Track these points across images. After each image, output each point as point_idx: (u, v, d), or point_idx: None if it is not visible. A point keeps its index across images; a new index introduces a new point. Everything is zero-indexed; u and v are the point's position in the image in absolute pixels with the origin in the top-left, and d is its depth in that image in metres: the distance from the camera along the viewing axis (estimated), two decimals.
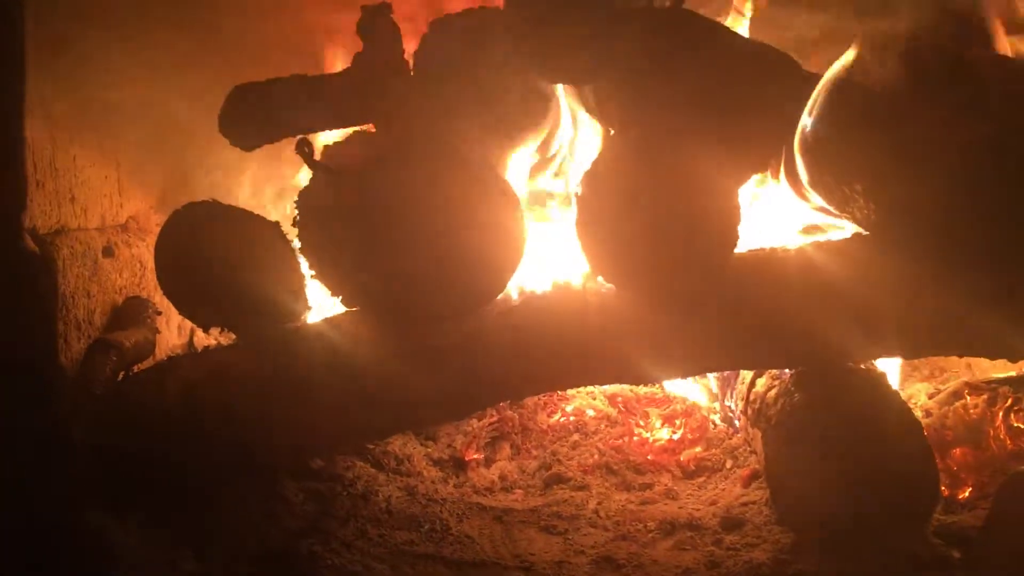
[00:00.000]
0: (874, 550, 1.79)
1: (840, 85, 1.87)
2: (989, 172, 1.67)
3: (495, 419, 2.54)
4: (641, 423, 2.58)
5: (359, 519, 2.02)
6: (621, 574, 1.84)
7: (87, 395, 1.98)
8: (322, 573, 1.77)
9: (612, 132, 1.95)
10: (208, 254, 1.79)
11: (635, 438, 2.50)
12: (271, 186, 2.89)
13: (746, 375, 2.34)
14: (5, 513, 1.65)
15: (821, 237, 2.02)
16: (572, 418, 2.59)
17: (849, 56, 1.85)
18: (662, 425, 2.56)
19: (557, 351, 1.95)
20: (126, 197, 2.64)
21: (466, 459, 2.39)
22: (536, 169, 2.21)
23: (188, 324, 3.02)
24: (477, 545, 1.96)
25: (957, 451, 2.16)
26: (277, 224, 1.88)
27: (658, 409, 2.65)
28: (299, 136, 1.71)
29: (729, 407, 2.48)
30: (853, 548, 1.80)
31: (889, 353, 2.09)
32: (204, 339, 2.76)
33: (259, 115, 1.74)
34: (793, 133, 1.82)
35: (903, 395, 2.17)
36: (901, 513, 1.84)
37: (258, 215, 1.87)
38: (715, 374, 2.60)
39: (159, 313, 2.58)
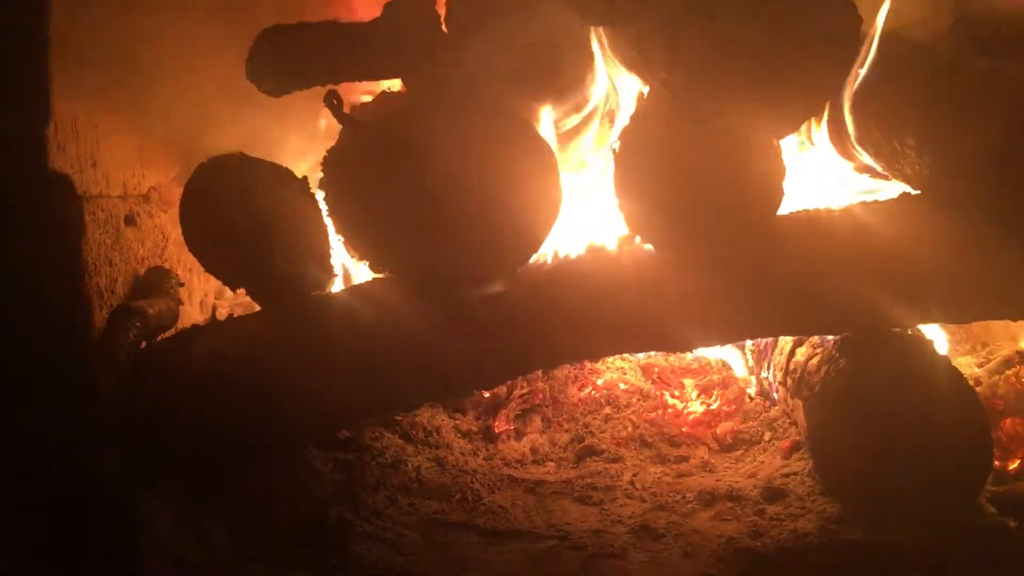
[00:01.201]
0: (925, 520, 1.72)
1: (892, 37, 1.81)
2: None
3: (525, 391, 2.48)
4: (675, 395, 2.51)
5: (389, 488, 1.96)
6: (662, 543, 1.78)
7: (110, 360, 1.93)
8: (353, 540, 1.72)
9: (649, 89, 1.88)
10: (233, 208, 1.73)
11: (669, 411, 2.43)
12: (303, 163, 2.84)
13: (784, 345, 2.27)
14: (32, 480, 1.61)
15: (868, 198, 1.94)
16: (604, 391, 2.53)
17: (901, 6, 1.78)
18: (697, 397, 2.50)
19: (592, 318, 1.89)
20: (148, 167, 2.59)
21: (496, 431, 2.33)
22: (573, 127, 2.14)
23: (211, 299, 2.98)
24: (510, 515, 1.90)
25: (1007, 421, 2.08)
26: (305, 180, 1.82)
27: (693, 381, 2.58)
28: (328, 88, 1.65)
29: (766, 379, 2.41)
30: (903, 518, 1.73)
31: (937, 318, 2.02)
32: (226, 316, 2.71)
33: (287, 60, 1.68)
34: (841, 82, 1.75)
35: None
36: (953, 482, 1.77)
37: (287, 169, 1.81)
38: (751, 345, 2.54)
39: (182, 285, 2.53)
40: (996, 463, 1.95)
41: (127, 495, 1.68)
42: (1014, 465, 2.00)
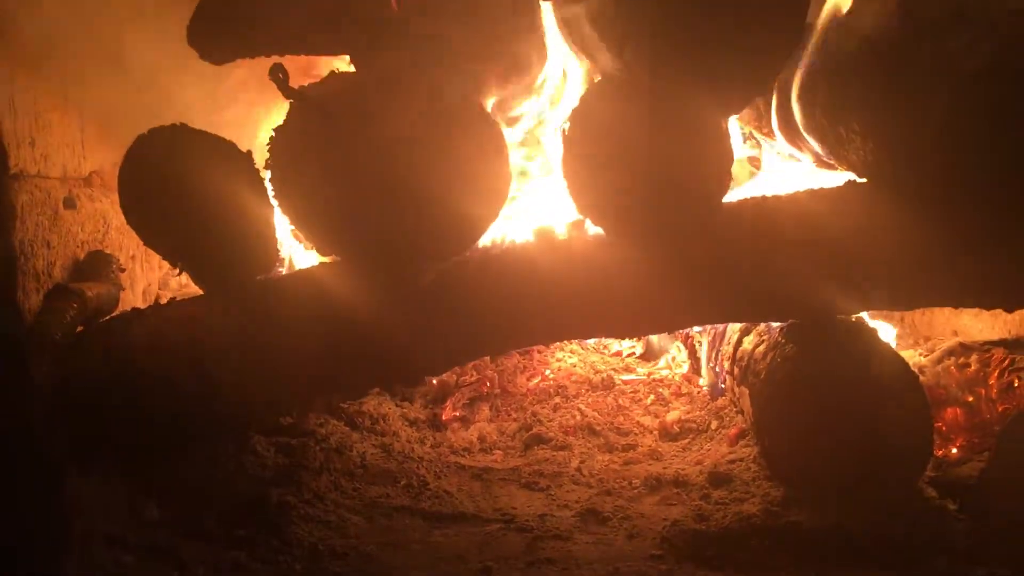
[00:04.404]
0: (867, 503, 1.73)
1: (836, 26, 1.83)
2: (987, 109, 1.62)
3: (473, 380, 2.46)
4: (624, 385, 2.51)
5: (332, 473, 1.93)
6: (607, 526, 1.77)
7: (45, 340, 1.87)
8: (295, 523, 1.69)
9: (601, 72, 1.88)
10: (174, 179, 1.69)
11: (618, 400, 2.43)
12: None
13: (732, 336, 2.28)
14: None
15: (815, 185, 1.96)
16: (553, 381, 2.52)
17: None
18: (645, 387, 2.50)
19: (541, 303, 1.87)
20: (90, 149, 2.53)
21: (444, 420, 2.32)
22: (523, 109, 2.13)
23: (154, 288, 2.92)
24: (456, 500, 1.88)
25: (949, 410, 2.11)
26: (250, 154, 1.78)
27: (642, 371, 2.58)
28: (273, 61, 1.62)
29: (714, 370, 2.42)
30: (846, 501, 1.74)
31: (882, 305, 2.04)
32: None
33: (231, 27, 1.65)
34: (784, 62, 1.77)
35: None
36: (895, 466, 1.78)
37: (230, 142, 1.77)
38: (700, 337, 2.55)
39: (123, 270, 2.48)
40: (938, 451, 1.97)
41: (58, 475, 1.63)
42: (955, 452, 2.02)
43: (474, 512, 1.82)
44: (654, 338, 2.76)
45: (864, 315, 2.15)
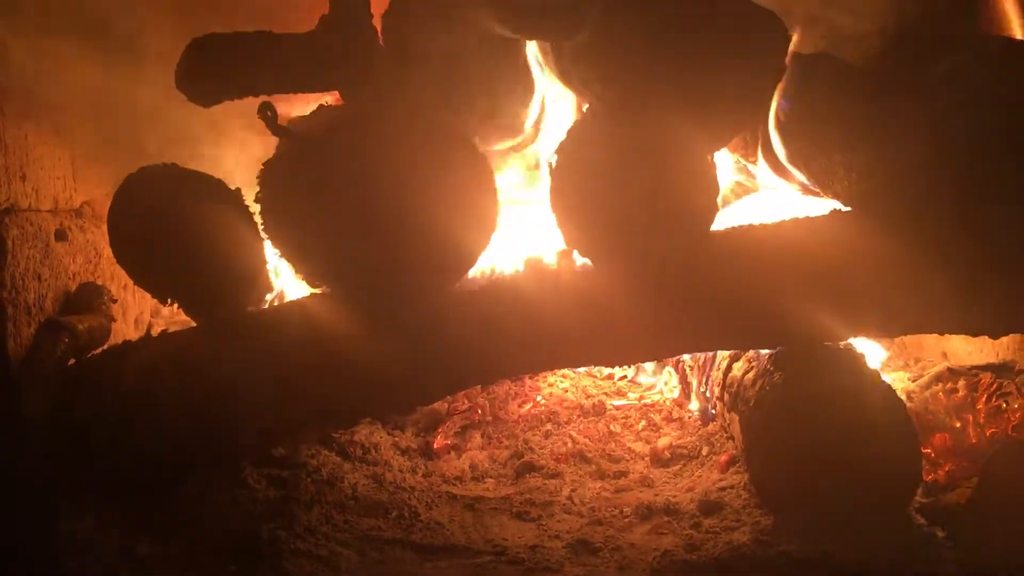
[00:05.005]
0: (857, 530, 1.74)
1: (818, 57, 1.85)
2: (968, 138, 1.64)
3: (465, 408, 2.47)
4: (615, 411, 2.52)
5: (324, 505, 1.93)
6: (598, 557, 1.77)
7: (36, 376, 1.88)
8: (286, 557, 1.69)
9: (588, 104, 1.90)
10: (164, 219, 1.70)
11: (609, 426, 2.44)
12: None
13: (722, 361, 2.29)
14: None
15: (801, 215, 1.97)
16: (545, 408, 2.53)
17: (833, 24, 1.83)
18: (637, 412, 2.50)
19: (530, 332, 1.89)
20: (81, 181, 2.54)
21: (435, 448, 2.32)
22: (511, 143, 2.15)
23: (146, 317, 2.92)
24: (447, 531, 1.89)
25: (937, 436, 2.12)
26: (239, 191, 1.79)
27: (632, 397, 2.59)
28: (262, 99, 1.63)
29: (704, 395, 2.43)
30: (835, 529, 1.75)
31: (868, 332, 2.06)
32: None
33: (219, 70, 1.66)
34: (769, 98, 1.79)
35: None
36: (884, 493, 1.80)
37: (218, 180, 1.78)
38: (691, 362, 2.56)
39: (114, 301, 2.48)
40: (926, 476, 1.98)
41: (50, 512, 1.64)
42: (943, 478, 2.03)
43: (465, 544, 1.83)
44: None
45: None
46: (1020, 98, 1.63)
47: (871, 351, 2.45)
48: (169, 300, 1.84)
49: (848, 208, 1.91)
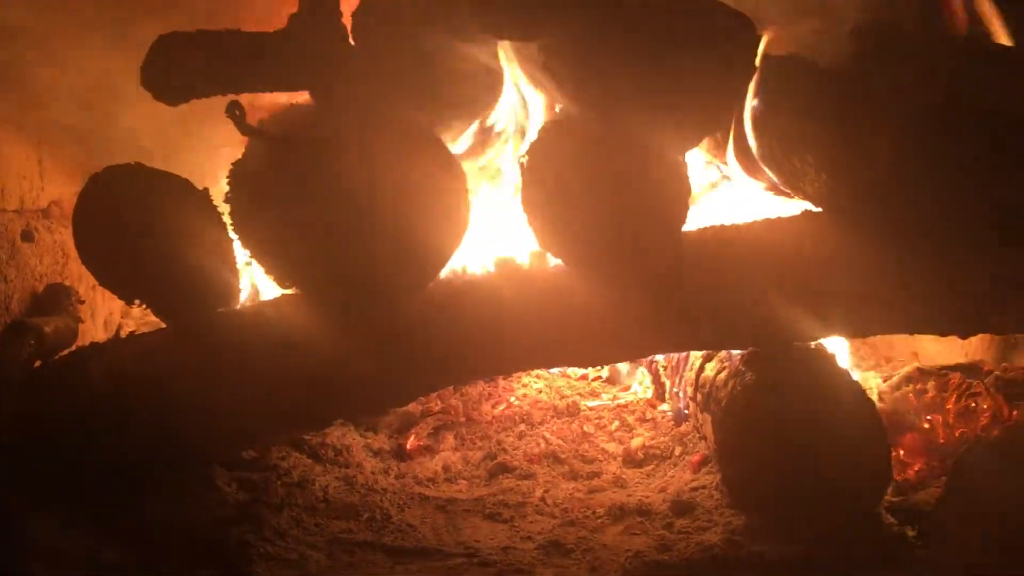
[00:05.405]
0: (827, 530, 1.75)
1: (789, 59, 1.86)
2: (937, 143, 1.65)
3: (438, 409, 2.46)
4: (589, 412, 2.52)
5: (294, 508, 1.92)
6: (570, 559, 1.77)
7: (2, 379, 1.85)
8: (255, 561, 1.67)
9: (559, 104, 1.89)
10: (130, 219, 1.68)
11: (583, 427, 2.43)
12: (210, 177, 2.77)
13: (695, 361, 2.30)
14: None
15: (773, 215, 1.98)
16: (518, 408, 2.52)
17: (795, 32, 1.84)
18: (610, 413, 2.50)
19: (503, 333, 1.88)
20: (48, 180, 2.51)
21: (408, 450, 2.31)
22: (484, 141, 2.14)
23: (116, 318, 2.89)
24: (419, 533, 1.88)
25: (907, 436, 2.13)
26: (206, 191, 1.77)
27: (606, 397, 2.59)
28: (230, 98, 1.61)
29: (678, 395, 2.44)
30: (806, 529, 1.76)
31: (840, 332, 2.06)
32: None
33: (185, 68, 1.64)
34: (740, 98, 1.79)
35: None
36: (854, 493, 1.80)
37: (185, 180, 1.76)
38: (663, 361, 2.56)
39: (82, 302, 2.46)
40: (896, 476, 1.99)
41: (14, 516, 1.61)
42: (914, 477, 2.04)
43: (437, 546, 1.82)
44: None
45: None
46: (988, 98, 1.64)
47: (841, 351, 2.46)
48: (137, 301, 1.81)
49: (819, 209, 1.91)
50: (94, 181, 1.73)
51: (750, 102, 1.89)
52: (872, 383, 2.39)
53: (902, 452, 2.11)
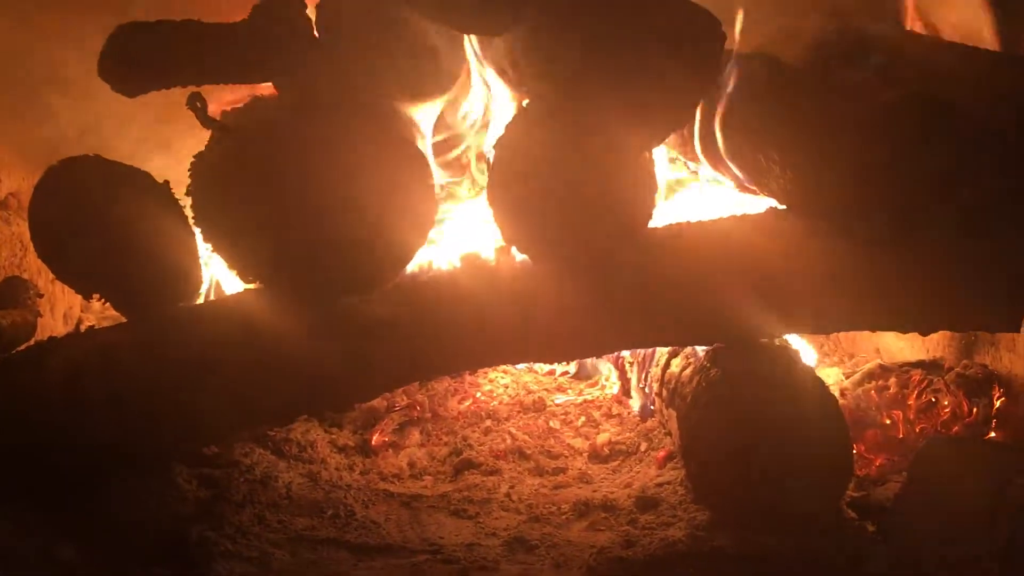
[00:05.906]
0: (790, 525, 1.76)
1: (755, 56, 1.87)
2: (897, 140, 1.66)
3: (404, 405, 2.45)
4: (555, 407, 2.52)
5: (256, 505, 1.90)
6: (534, 555, 1.77)
7: None
8: (215, 559, 1.65)
9: (527, 99, 1.88)
10: (87, 212, 1.64)
11: (549, 423, 2.43)
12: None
13: (661, 358, 2.30)
14: None
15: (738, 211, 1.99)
16: (484, 404, 2.51)
17: (761, 30, 1.85)
18: (576, 409, 2.51)
19: (469, 329, 1.87)
20: (5, 172, 2.47)
21: (373, 445, 2.29)
22: (450, 135, 2.13)
23: (76, 312, 2.85)
24: (383, 530, 1.86)
25: (869, 432, 2.15)
26: (167, 184, 1.75)
27: (572, 393, 2.59)
28: (191, 90, 1.59)
29: (644, 391, 2.44)
30: (769, 524, 1.77)
31: (803, 329, 2.08)
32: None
33: (145, 58, 1.61)
34: (704, 95, 1.79)
35: None
36: (816, 488, 1.81)
37: (145, 172, 1.73)
38: (631, 358, 2.57)
39: (40, 296, 2.42)
40: (858, 471, 2.01)
41: None
42: (874, 473, 2.06)
43: (401, 543, 1.81)
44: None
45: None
46: (953, 97, 1.66)
47: (804, 347, 2.48)
48: (96, 295, 1.78)
49: (784, 206, 1.92)
50: (50, 172, 1.69)
51: (717, 99, 1.89)
52: (835, 379, 2.41)
53: (864, 448, 2.13)
